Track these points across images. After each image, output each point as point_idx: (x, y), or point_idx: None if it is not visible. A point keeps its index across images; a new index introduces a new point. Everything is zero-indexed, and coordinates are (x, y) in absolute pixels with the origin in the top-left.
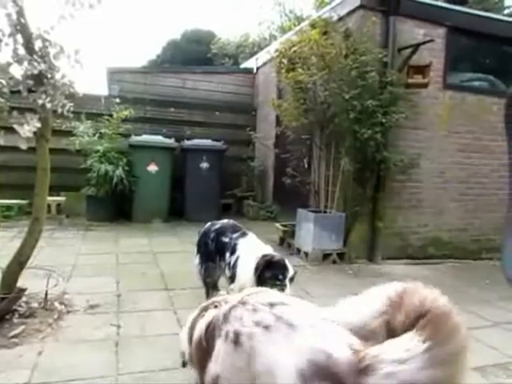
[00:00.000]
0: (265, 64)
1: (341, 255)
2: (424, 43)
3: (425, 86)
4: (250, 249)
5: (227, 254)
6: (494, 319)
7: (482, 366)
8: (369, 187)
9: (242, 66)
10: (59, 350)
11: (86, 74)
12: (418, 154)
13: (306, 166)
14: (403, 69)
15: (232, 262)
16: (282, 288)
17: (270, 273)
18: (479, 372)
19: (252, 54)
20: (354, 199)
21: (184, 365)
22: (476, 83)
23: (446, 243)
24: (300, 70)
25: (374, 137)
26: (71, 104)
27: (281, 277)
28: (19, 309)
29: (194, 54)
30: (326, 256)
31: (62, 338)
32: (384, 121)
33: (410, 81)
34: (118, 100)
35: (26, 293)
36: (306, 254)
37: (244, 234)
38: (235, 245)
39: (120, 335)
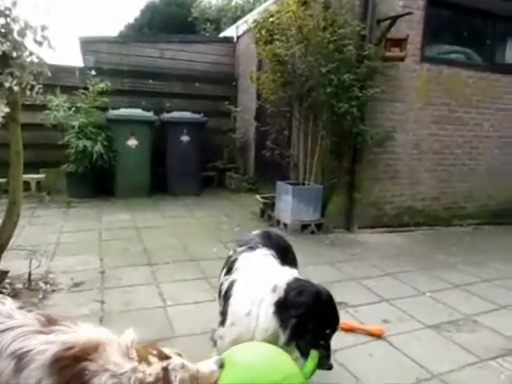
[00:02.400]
0: (244, 33)
1: (319, 226)
2: (403, 15)
3: (402, 59)
4: (258, 268)
5: (221, 274)
6: (455, 282)
7: (437, 323)
8: (346, 160)
9: (223, 34)
10: None
11: (58, 45)
12: (394, 127)
13: (286, 138)
14: (381, 42)
15: (224, 288)
16: (327, 354)
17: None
18: (435, 329)
19: (235, 19)
20: (332, 171)
21: None
22: (453, 56)
23: (420, 212)
24: (278, 42)
25: (350, 111)
26: (40, 86)
27: (328, 332)
28: (3, 291)
29: (173, 17)
30: (304, 227)
31: None
32: (360, 95)
33: (388, 54)
34: (93, 72)
35: (10, 274)
36: (286, 225)
37: (253, 248)
38: (235, 260)
39: (104, 311)
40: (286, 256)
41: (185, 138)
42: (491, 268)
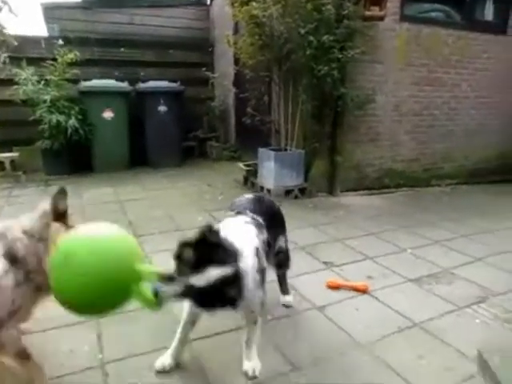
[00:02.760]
0: None
1: (302, 190)
2: None
3: (381, 18)
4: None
5: None
6: (434, 238)
7: (418, 277)
8: (327, 123)
9: None
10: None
11: (20, 14)
12: (374, 89)
13: (266, 104)
14: (360, 0)
15: None
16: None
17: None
18: (416, 282)
19: None
20: (313, 136)
21: None
22: (433, 14)
23: (400, 173)
24: (254, 3)
25: (330, 73)
26: (5, 55)
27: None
28: None
29: None
30: (288, 192)
31: None
32: (340, 56)
33: (367, 13)
34: (60, 41)
35: None
36: (269, 191)
37: (240, 213)
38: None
39: None
40: (274, 222)
41: (162, 108)
42: (468, 224)
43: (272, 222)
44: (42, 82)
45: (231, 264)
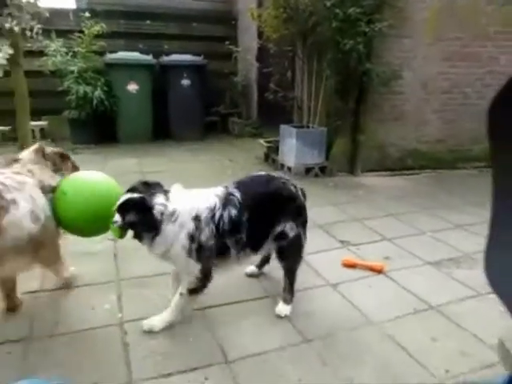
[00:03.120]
0: None
1: (322, 169)
2: None
3: None
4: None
5: None
6: (456, 222)
7: (437, 260)
8: (351, 100)
9: None
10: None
11: None
12: (401, 65)
13: (290, 79)
14: None
15: None
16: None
17: None
18: (434, 265)
19: None
20: (336, 113)
21: None
22: None
23: (424, 154)
24: None
25: (356, 48)
26: (39, 26)
27: None
28: None
29: None
30: (308, 170)
31: (64, 253)
32: (367, 30)
33: None
34: (88, 14)
35: None
36: (290, 168)
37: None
38: None
39: (117, 247)
40: (275, 206)
41: (185, 82)
42: None
43: (270, 205)
44: (70, 54)
45: (142, 197)
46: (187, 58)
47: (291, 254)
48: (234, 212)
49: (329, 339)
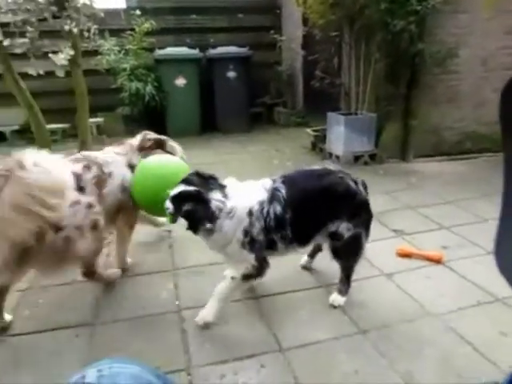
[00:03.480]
0: None
1: (372, 156)
2: None
3: None
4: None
5: None
6: None
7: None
8: (402, 84)
9: None
10: None
11: None
12: (457, 42)
13: (336, 66)
14: None
15: None
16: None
17: None
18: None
19: None
20: (386, 98)
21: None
22: None
23: (484, 137)
24: None
25: (407, 28)
26: (95, 26)
27: None
28: None
29: None
30: (357, 158)
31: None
32: (419, 8)
33: None
34: (138, 12)
35: None
36: (338, 157)
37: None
38: None
39: (172, 238)
40: (327, 203)
41: (231, 74)
42: None
43: (319, 202)
44: (122, 52)
45: (197, 190)
46: (233, 49)
47: (347, 255)
48: (278, 208)
49: (385, 330)
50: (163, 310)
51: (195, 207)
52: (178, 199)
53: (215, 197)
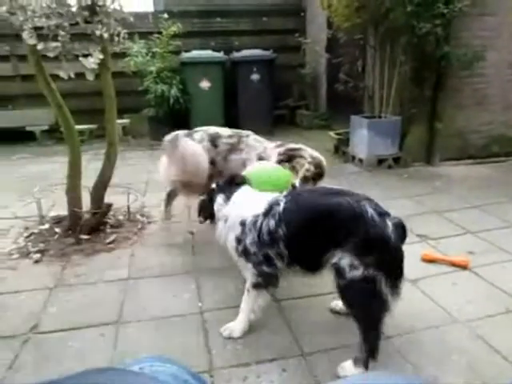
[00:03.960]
0: None
1: (396, 160)
2: None
3: None
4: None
5: None
6: None
7: None
8: (427, 87)
9: None
10: (147, 252)
11: None
12: (484, 45)
13: (360, 69)
14: None
15: None
16: None
17: None
18: None
19: None
20: (411, 101)
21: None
22: None
23: None
24: None
25: (433, 31)
26: (125, 30)
27: None
28: (109, 221)
29: None
30: (381, 161)
31: (147, 243)
32: (446, 11)
33: None
34: (166, 15)
35: (112, 207)
36: (361, 160)
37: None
38: None
39: (195, 240)
40: (325, 229)
41: (255, 77)
42: None
43: (315, 225)
44: (150, 55)
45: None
46: (257, 52)
47: (354, 301)
48: (272, 223)
49: (410, 336)
50: (186, 311)
51: (203, 201)
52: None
53: (218, 200)
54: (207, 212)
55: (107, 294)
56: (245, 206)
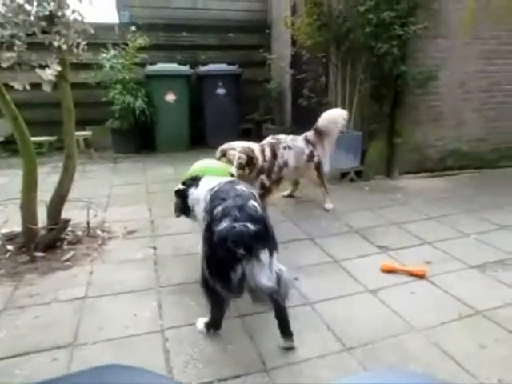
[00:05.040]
0: None
1: (358, 173)
2: None
3: None
4: None
5: None
6: (502, 223)
7: (482, 263)
8: (386, 104)
9: None
10: (107, 269)
11: (94, 3)
12: (437, 66)
13: (323, 86)
14: None
15: None
16: None
17: None
18: (479, 269)
19: None
20: (372, 117)
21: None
22: None
23: (465, 154)
24: None
25: (390, 51)
26: (85, 42)
27: None
28: (67, 237)
29: None
30: (343, 175)
31: (107, 260)
32: (401, 33)
33: None
34: (133, 28)
35: (71, 223)
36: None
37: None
38: None
39: (157, 255)
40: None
41: (221, 91)
42: None
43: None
44: (118, 66)
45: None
46: (223, 67)
47: None
48: (208, 197)
49: (370, 347)
50: (146, 330)
51: (177, 201)
52: (175, 195)
53: (190, 191)
54: (181, 207)
55: (62, 314)
56: (206, 186)
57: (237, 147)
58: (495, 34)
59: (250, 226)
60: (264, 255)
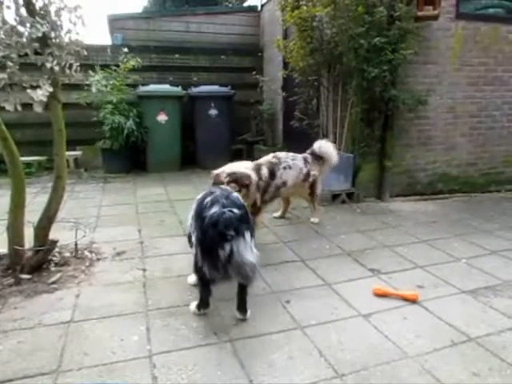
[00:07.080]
0: (269, 1)
1: (350, 195)
2: None
3: (435, 17)
4: None
5: None
6: (492, 248)
7: (473, 288)
8: (377, 127)
9: (247, 3)
10: (94, 292)
11: (88, 25)
12: (427, 91)
13: (315, 108)
14: (412, 0)
15: None
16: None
17: None
18: (471, 294)
19: None
20: (363, 140)
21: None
22: (491, 11)
23: (455, 178)
24: (305, 7)
25: (381, 75)
26: (77, 64)
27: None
28: (54, 258)
29: None
30: (335, 196)
31: (95, 282)
32: (392, 58)
33: (420, 13)
34: (126, 49)
35: (58, 244)
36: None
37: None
38: None
39: (146, 277)
40: None
41: (213, 112)
42: None
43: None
44: (108, 87)
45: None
46: (215, 88)
47: None
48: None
49: (363, 373)
50: (133, 355)
51: None
52: None
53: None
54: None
55: (46, 339)
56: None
57: (226, 170)
58: (483, 61)
59: (236, 210)
60: (247, 235)
